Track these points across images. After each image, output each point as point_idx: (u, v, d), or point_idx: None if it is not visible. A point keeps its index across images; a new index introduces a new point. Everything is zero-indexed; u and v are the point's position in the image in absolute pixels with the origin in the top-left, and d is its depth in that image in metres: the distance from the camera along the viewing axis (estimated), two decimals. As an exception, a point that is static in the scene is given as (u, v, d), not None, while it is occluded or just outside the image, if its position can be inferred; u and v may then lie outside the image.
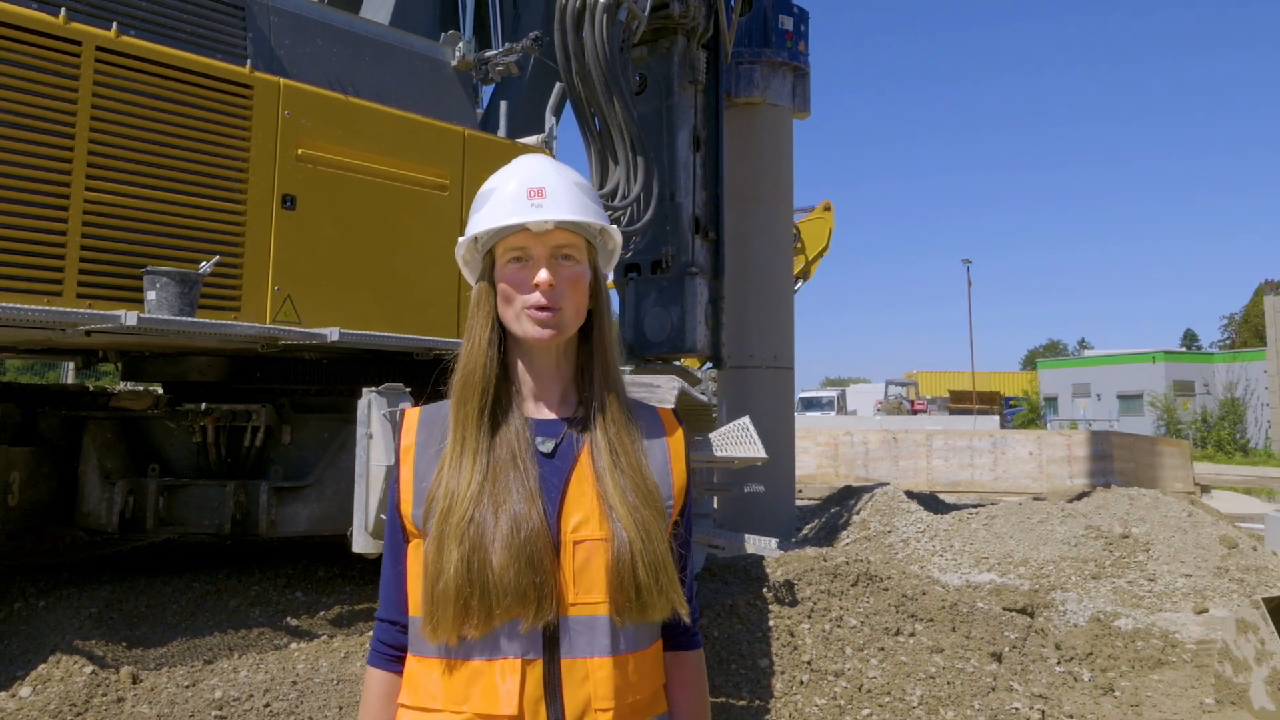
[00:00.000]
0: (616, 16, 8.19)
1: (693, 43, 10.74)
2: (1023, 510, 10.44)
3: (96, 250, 5.00)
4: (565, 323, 1.56)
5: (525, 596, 1.42)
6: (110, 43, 5.04)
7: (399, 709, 1.51)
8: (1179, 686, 5.89)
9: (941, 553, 9.64)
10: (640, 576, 1.46)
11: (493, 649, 1.44)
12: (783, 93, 12.57)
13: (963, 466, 24.43)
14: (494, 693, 1.42)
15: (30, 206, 4.78)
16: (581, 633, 1.46)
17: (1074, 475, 22.53)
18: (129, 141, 5.12)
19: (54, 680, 4.96)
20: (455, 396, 1.55)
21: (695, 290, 10.66)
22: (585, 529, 1.49)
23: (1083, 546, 9.19)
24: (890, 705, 4.95)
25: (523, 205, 1.56)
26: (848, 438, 27.01)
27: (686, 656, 1.67)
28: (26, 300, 4.72)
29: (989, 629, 6.19)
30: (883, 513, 11.17)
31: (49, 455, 6.74)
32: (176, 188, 5.31)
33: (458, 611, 1.41)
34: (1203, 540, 9.17)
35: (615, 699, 1.45)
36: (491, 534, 1.44)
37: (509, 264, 1.57)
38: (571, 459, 1.55)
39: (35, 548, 7.27)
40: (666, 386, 5.02)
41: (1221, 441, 39.56)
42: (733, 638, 5.38)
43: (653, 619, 1.51)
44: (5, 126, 4.69)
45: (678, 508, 1.62)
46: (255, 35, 5.86)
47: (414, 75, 6.82)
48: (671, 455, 1.63)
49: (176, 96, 5.30)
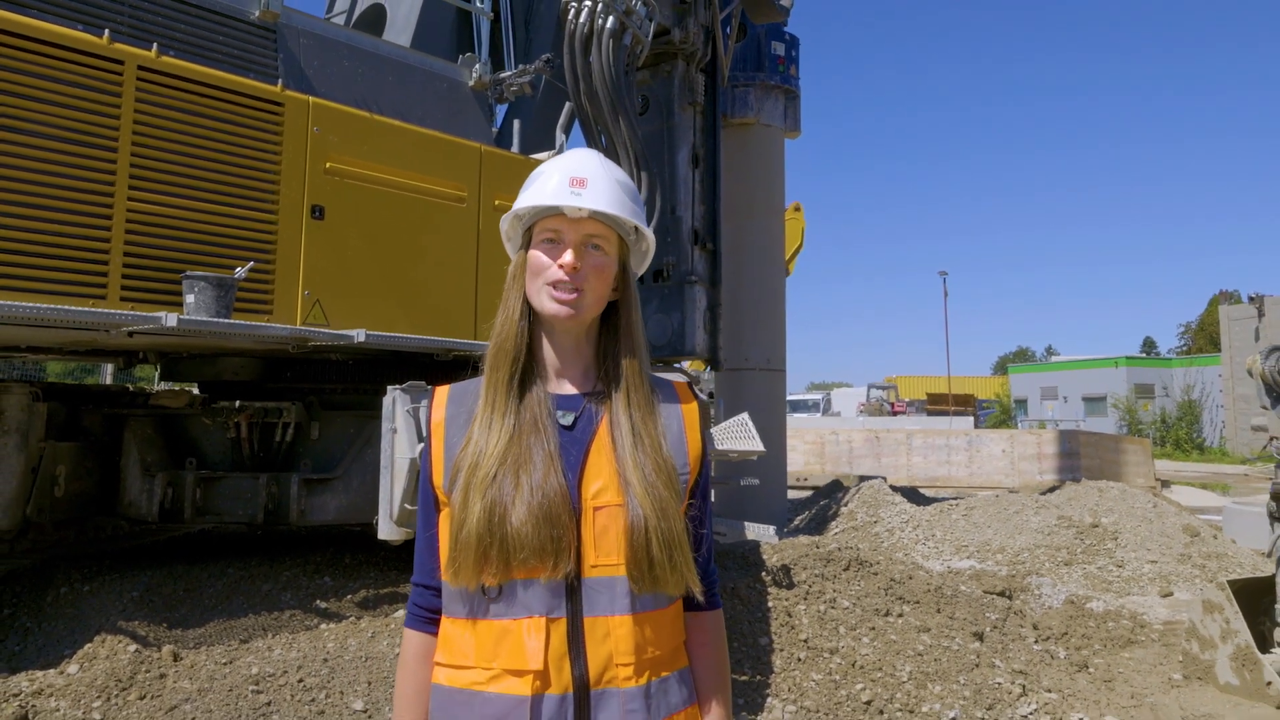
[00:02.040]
0: (621, 41, 8.15)
1: (692, 67, 10.70)
2: (999, 502, 10.39)
3: (138, 256, 4.97)
4: (584, 305, 1.53)
5: (543, 550, 1.40)
6: (151, 62, 5.00)
7: (435, 667, 1.49)
8: (1148, 663, 5.83)
9: (924, 541, 9.58)
10: (654, 552, 1.44)
11: (519, 608, 1.42)
12: (775, 114, 12.55)
13: (940, 463, 24.38)
14: (521, 649, 1.40)
15: (76, 215, 4.75)
16: (602, 593, 1.44)
17: (1044, 471, 22.49)
18: (168, 154, 5.08)
19: (100, 658, 4.91)
20: (489, 362, 1.54)
21: (694, 297, 10.62)
22: (605, 496, 1.47)
23: (1055, 535, 9.14)
24: (882, 680, 4.89)
25: (564, 191, 1.54)
26: (833, 437, 26.98)
27: (705, 616, 1.64)
28: (73, 303, 4.68)
29: (971, 610, 6.14)
30: (869, 505, 11.12)
31: (93, 450, 6.69)
32: (213, 198, 5.27)
33: (478, 558, 1.39)
34: (1167, 529, 9.11)
35: (635, 654, 1.43)
36: (512, 492, 1.42)
37: (542, 243, 1.55)
38: (590, 432, 1.52)
39: (80, 536, 7.22)
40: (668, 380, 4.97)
41: (1179, 440, 39.52)
42: (734, 618, 5.32)
43: (667, 592, 1.48)
44: (53, 140, 4.65)
45: (694, 475, 1.59)
46: (286, 56, 5.81)
47: (433, 94, 6.78)
48: (687, 425, 1.61)
49: (213, 113, 5.26)
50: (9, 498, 6.03)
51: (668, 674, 1.49)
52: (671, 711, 1.48)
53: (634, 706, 1.42)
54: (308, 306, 5.74)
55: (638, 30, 8.32)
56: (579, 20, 8.00)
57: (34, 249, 4.60)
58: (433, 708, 1.46)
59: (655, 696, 1.45)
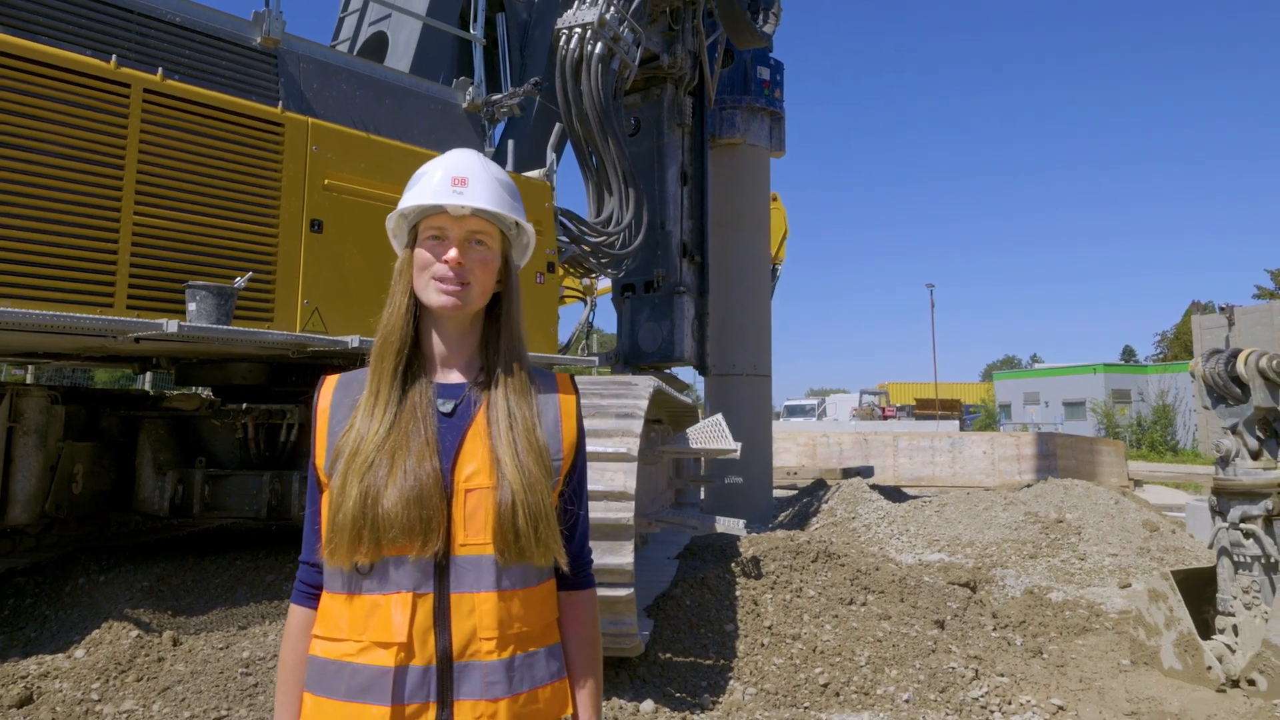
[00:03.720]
0: (610, 66, 8.19)
1: (680, 90, 10.75)
2: (970, 499, 10.34)
3: (144, 267, 4.99)
4: (469, 298, 1.54)
5: (411, 530, 1.40)
6: (156, 85, 5.03)
7: (313, 639, 1.48)
8: (1100, 650, 5.79)
9: (898, 535, 9.54)
10: (520, 524, 1.44)
11: (390, 585, 1.42)
12: (761, 134, 12.58)
13: (925, 464, 24.29)
14: (388, 623, 1.40)
15: (85, 228, 4.77)
16: (469, 571, 1.44)
17: (1022, 471, 22.38)
18: (173, 172, 5.11)
19: (104, 643, 4.92)
20: (374, 353, 1.54)
21: (683, 307, 10.66)
22: (476, 479, 1.47)
23: (1022, 530, 9.09)
24: (840, 664, 4.87)
25: (447, 190, 1.55)
26: (824, 439, 26.93)
27: (578, 595, 1.64)
28: (83, 310, 4.71)
29: (934, 600, 6.10)
30: (848, 501, 11.08)
31: (109, 449, 6.72)
32: (216, 212, 5.29)
33: (352, 539, 1.40)
34: (1128, 524, 9.05)
35: (499, 629, 1.43)
36: (386, 477, 1.42)
37: (428, 240, 1.56)
38: (469, 418, 1.52)
39: (98, 531, 7.24)
40: (643, 384, 4.97)
41: (1154, 443, 39.28)
42: (702, 606, 5.31)
43: (533, 563, 1.48)
44: (64, 157, 4.68)
45: (568, 462, 1.59)
46: (286, 80, 5.85)
47: (428, 115, 6.81)
48: (563, 415, 1.60)
49: (216, 133, 5.29)
50: (28, 494, 6.06)
51: (535, 649, 1.49)
52: (537, 684, 1.47)
53: (495, 679, 1.41)
54: (307, 314, 5.76)
55: (625, 55, 8.36)
56: (569, 46, 8.05)
57: (46, 260, 4.63)
58: (308, 678, 1.46)
59: (519, 670, 1.45)
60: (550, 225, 7.45)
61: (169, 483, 6.52)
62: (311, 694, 1.45)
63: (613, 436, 4.35)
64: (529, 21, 8.87)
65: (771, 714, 4.38)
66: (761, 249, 12.70)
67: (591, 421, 4.49)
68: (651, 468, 7.56)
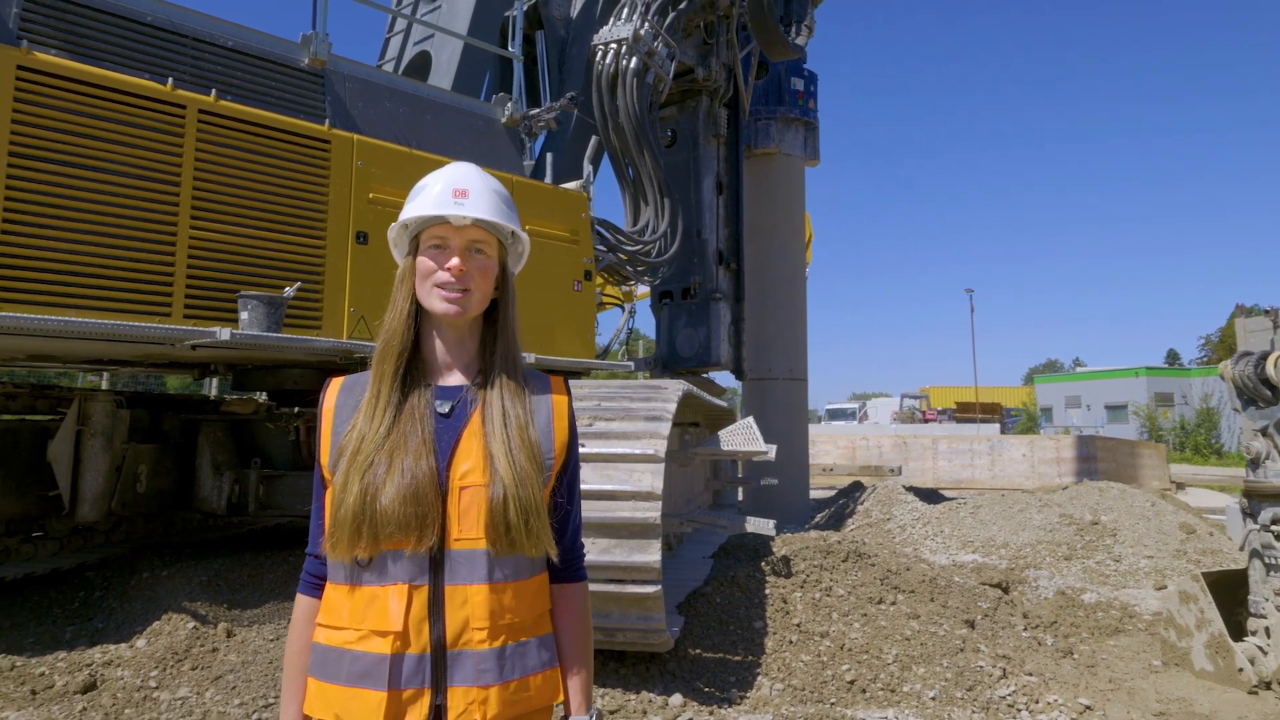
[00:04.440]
0: (645, 80, 8.23)
1: (715, 102, 10.75)
2: (1005, 501, 10.15)
3: (199, 278, 5.12)
4: (470, 304, 1.57)
5: (407, 527, 1.43)
6: (210, 106, 5.17)
7: (317, 627, 1.52)
8: (1132, 650, 5.65)
9: (933, 537, 9.40)
10: (511, 517, 1.46)
11: (388, 577, 1.45)
12: (795, 144, 12.52)
13: (964, 467, 23.90)
14: (385, 612, 1.43)
15: (145, 242, 4.92)
16: (463, 564, 1.46)
17: (1062, 474, 21.91)
18: (226, 187, 5.24)
19: (163, 634, 5.06)
20: (376, 356, 1.57)
21: (719, 313, 10.64)
22: (471, 477, 1.49)
23: (1057, 532, 8.90)
24: (868, 662, 4.81)
25: (448, 201, 1.58)
26: (864, 442, 26.61)
27: (570, 588, 1.66)
28: (143, 320, 4.86)
29: (964, 600, 6.01)
30: (884, 503, 10.95)
31: (171, 451, 6.90)
32: (267, 226, 5.42)
33: (352, 534, 1.43)
34: (1164, 527, 8.82)
35: (490, 620, 1.46)
36: (384, 475, 1.45)
37: (430, 249, 1.59)
38: (465, 418, 1.54)
39: (161, 528, 7.42)
40: (672, 388, 4.98)
41: (1198, 446, 38.21)
42: (732, 603, 5.29)
43: (525, 554, 1.50)
44: (124, 175, 4.83)
45: (559, 460, 1.60)
46: (333, 99, 5.97)
47: (469, 130, 6.89)
48: (555, 415, 1.62)
49: (266, 150, 5.42)
50: (96, 493, 6.25)
51: (526, 639, 1.51)
52: (528, 672, 1.50)
53: (486, 667, 1.44)
54: (353, 322, 5.87)
55: (659, 69, 8.39)
56: (605, 61, 8.09)
57: (109, 272, 4.78)
58: (311, 663, 1.50)
59: (510, 658, 1.47)
60: (587, 234, 7.50)
61: (226, 483, 6.68)
62: (315, 679, 1.49)
63: (641, 438, 4.37)
64: (567, 39, 8.95)
65: (798, 710, 4.35)
66: (796, 256, 12.63)
67: (621, 424, 4.52)
68: (687, 469, 7.56)
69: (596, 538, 4.16)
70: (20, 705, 4.30)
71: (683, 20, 9.12)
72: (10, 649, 5.08)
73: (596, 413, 4.65)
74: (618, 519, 4.13)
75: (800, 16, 10.43)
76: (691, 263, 10.51)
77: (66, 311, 4.59)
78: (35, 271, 4.53)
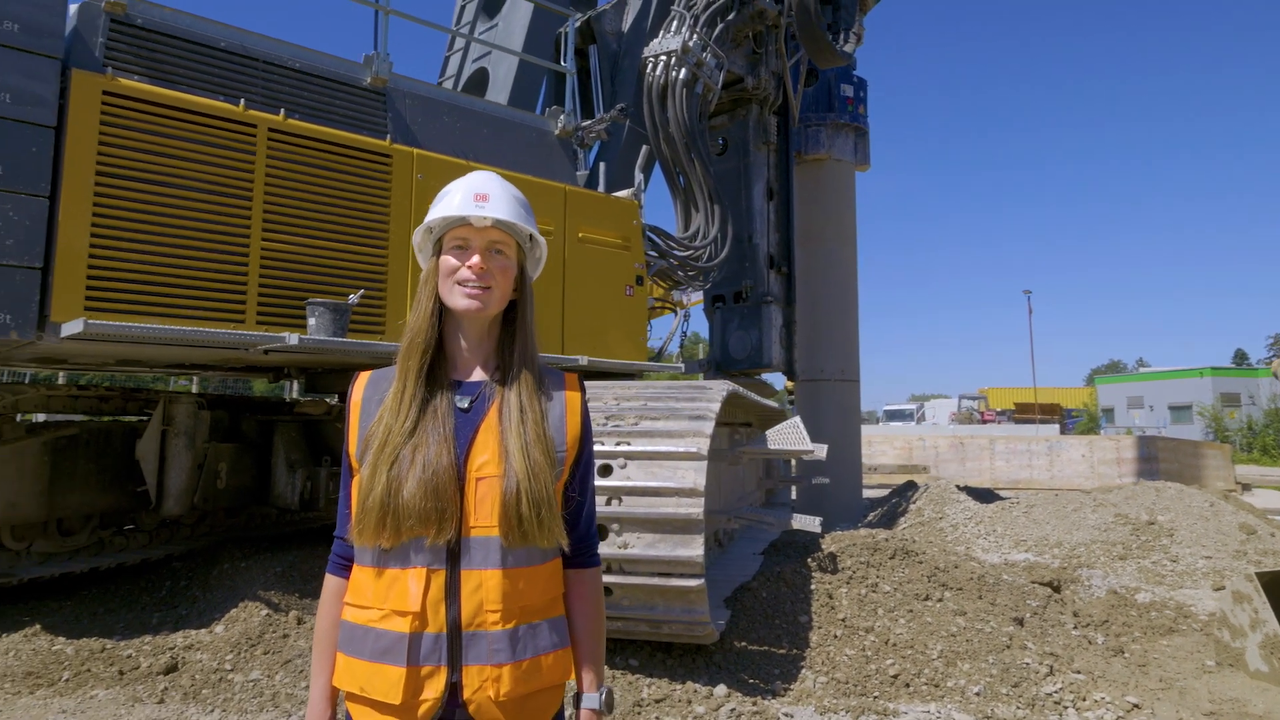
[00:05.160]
0: (694, 90, 8.23)
1: (765, 110, 10.70)
2: (1059, 500, 9.87)
3: (270, 287, 5.29)
4: (490, 301, 1.60)
5: (427, 518, 1.47)
6: (279, 125, 5.34)
7: (344, 606, 1.58)
8: (1185, 650, 5.45)
9: (985, 536, 9.19)
10: (523, 509, 1.49)
11: (408, 561, 1.50)
12: (846, 149, 12.38)
13: (1022, 467, 23.28)
14: (405, 594, 1.48)
15: (220, 253, 5.10)
16: (478, 550, 1.50)
17: (1123, 475, 21.19)
18: (295, 201, 5.41)
19: (239, 620, 5.23)
20: (402, 352, 1.61)
21: (770, 316, 10.57)
22: (486, 468, 1.53)
23: (1112, 531, 8.63)
24: (912, 657, 4.73)
25: (470, 204, 1.62)
26: (920, 442, 26.11)
27: (582, 573, 1.68)
28: (219, 326, 5.04)
29: (1013, 597, 5.86)
30: (936, 502, 10.74)
31: (249, 450, 7.13)
32: (332, 236, 5.57)
33: (377, 524, 1.48)
34: (1223, 527, 8.48)
35: (503, 603, 1.49)
36: (408, 469, 1.49)
37: (453, 249, 1.62)
38: (483, 413, 1.58)
39: (242, 522, 7.67)
40: (717, 388, 4.97)
41: (1266, 446, 36.62)
42: (778, 599, 5.25)
43: (537, 544, 1.53)
44: (200, 191, 5.02)
45: (572, 454, 1.63)
46: (394, 115, 6.11)
47: (524, 143, 6.98)
48: (568, 410, 1.65)
49: (331, 165, 5.57)
50: (180, 489, 6.51)
51: (538, 621, 1.54)
52: (540, 653, 1.52)
53: (499, 647, 1.47)
54: (415, 326, 5.99)
55: (708, 79, 8.38)
56: (655, 73, 8.12)
57: (188, 282, 4.97)
58: (340, 639, 1.56)
59: (523, 639, 1.50)
60: (639, 241, 7.53)
61: (299, 480, 6.88)
62: (343, 654, 1.54)
63: (685, 437, 4.38)
64: (619, 52, 9.01)
65: (840, 702, 4.30)
66: (848, 259, 12.48)
67: (666, 423, 4.53)
68: (737, 468, 7.52)
69: (641, 532, 4.18)
70: (109, 684, 4.50)
71: (731, 31, 9.11)
72: (103, 633, 5.32)
73: (643, 412, 4.67)
74: (662, 514, 4.15)
75: (848, 24, 10.31)
76: (743, 267, 10.47)
77: (150, 319, 4.79)
78: (122, 282, 4.73)
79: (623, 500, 4.22)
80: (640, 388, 5.24)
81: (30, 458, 6.03)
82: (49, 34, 4.53)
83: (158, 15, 5.17)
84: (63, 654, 4.85)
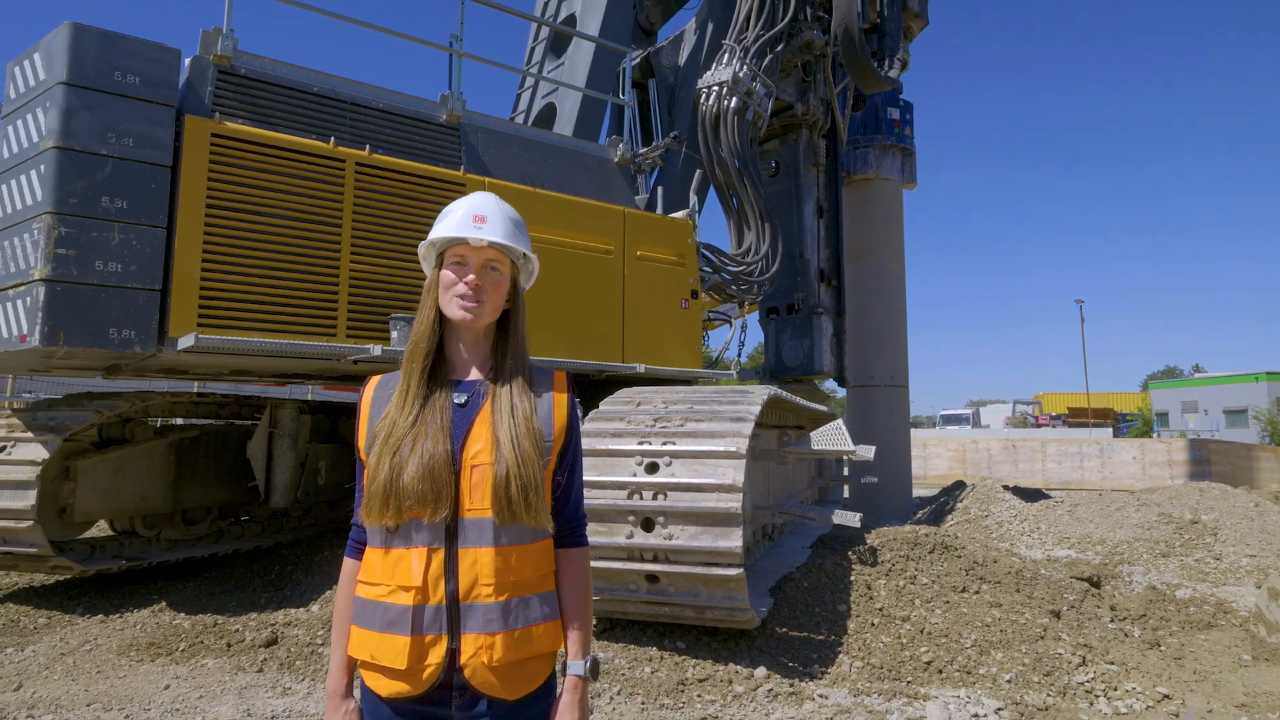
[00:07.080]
0: (745, 118, 8.21)
1: (814, 134, 10.59)
2: (1103, 499, 9.47)
3: (357, 303, 5.47)
4: (483, 313, 1.64)
5: (424, 500, 1.52)
6: (364, 159, 5.54)
7: (357, 584, 1.64)
8: (1222, 645, 5.15)
9: (1030, 533, 8.87)
10: (513, 492, 1.53)
11: (411, 541, 1.55)
12: (893, 169, 12.16)
13: (1074, 469, 22.39)
14: (409, 571, 1.53)
15: (314, 274, 5.31)
16: (473, 530, 1.54)
17: (1174, 477, 20.19)
18: (379, 227, 5.59)
19: (333, 601, 5.40)
20: (406, 356, 1.66)
21: (821, 326, 10.44)
22: (480, 457, 1.57)
23: (1155, 530, 8.23)
24: (946, 645, 4.60)
25: (468, 225, 1.67)
26: (973, 445, 25.36)
27: (570, 552, 1.71)
28: (313, 339, 5.23)
29: (1050, 591, 5.64)
30: (982, 501, 10.42)
31: (345, 450, 7.36)
32: (412, 257, 5.71)
33: (381, 506, 1.53)
34: (1268, 527, 8.00)
35: (496, 578, 1.53)
36: (409, 456, 1.54)
37: (451, 264, 1.67)
38: (478, 408, 1.62)
39: (341, 514, 7.92)
40: (759, 392, 4.94)
41: (1325, 449, 34.34)
42: (818, 588, 5.16)
43: (527, 524, 1.56)
44: (296, 220, 5.24)
45: (559, 443, 1.66)
46: (467, 148, 6.26)
47: (586, 170, 7.07)
48: (555, 405, 1.68)
49: (411, 194, 5.74)
50: (285, 484, 6.76)
51: (529, 594, 1.57)
52: (531, 623, 1.56)
53: (493, 617, 1.51)
54: (487, 338, 6.11)
55: (758, 107, 8.35)
56: (708, 103, 8.13)
57: (286, 300, 5.19)
58: (354, 613, 1.62)
59: (515, 610, 1.54)
60: (693, 258, 7.54)
61: (388, 476, 7.06)
62: (356, 626, 1.60)
63: (725, 437, 4.36)
64: (675, 84, 9.04)
65: (874, 685, 4.21)
66: (897, 272, 12.24)
67: (709, 424, 4.52)
68: (786, 467, 7.44)
69: (685, 525, 4.18)
70: (217, 655, 4.70)
71: (780, 61, 9.05)
72: (217, 610, 5.56)
73: (688, 414, 4.68)
74: (704, 509, 4.14)
75: (893, 51, 10.14)
76: (794, 281, 10.37)
77: (253, 334, 5.01)
78: (229, 301, 4.97)
79: (668, 495, 4.22)
80: (688, 392, 5.24)
81: (158, 456, 6.36)
82: (165, 85, 4.80)
83: (258, 65, 5.42)
84: (181, 628, 5.10)
